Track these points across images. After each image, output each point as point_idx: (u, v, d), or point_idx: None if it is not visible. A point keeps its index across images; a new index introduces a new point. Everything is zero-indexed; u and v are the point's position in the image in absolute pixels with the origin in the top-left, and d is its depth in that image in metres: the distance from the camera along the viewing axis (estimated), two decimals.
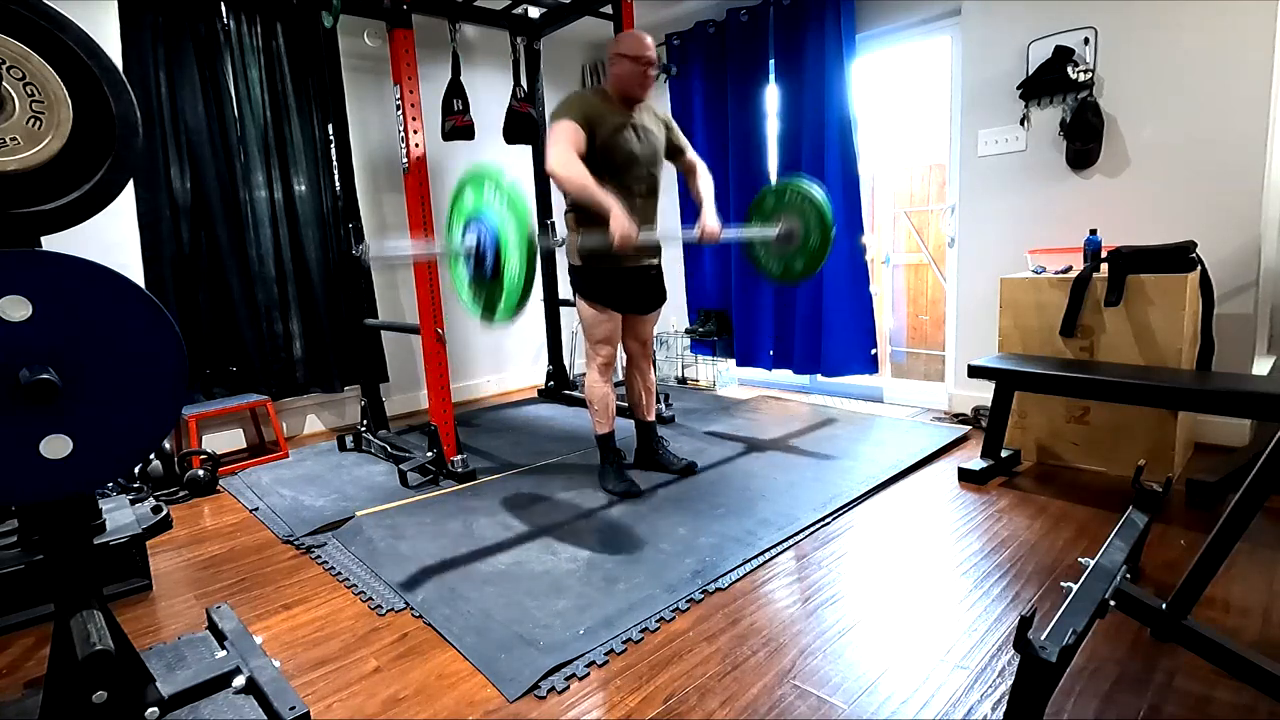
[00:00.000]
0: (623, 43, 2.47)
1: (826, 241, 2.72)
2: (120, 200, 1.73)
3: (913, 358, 4.75)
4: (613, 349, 2.64)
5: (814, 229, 2.73)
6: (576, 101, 2.43)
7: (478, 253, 1.91)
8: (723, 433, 3.38)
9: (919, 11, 3.46)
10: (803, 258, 2.79)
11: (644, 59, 2.44)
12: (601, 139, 2.40)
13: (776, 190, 2.85)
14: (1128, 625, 1.58)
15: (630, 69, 2.44)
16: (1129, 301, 2.54)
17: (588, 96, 2.48)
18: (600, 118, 2.41)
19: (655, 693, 1.49)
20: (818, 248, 2.74)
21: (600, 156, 2.40)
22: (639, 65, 2.44)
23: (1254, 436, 2.76)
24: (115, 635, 1.27)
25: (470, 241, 1.93)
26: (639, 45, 2.44)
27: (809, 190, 2.73)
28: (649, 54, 2.45)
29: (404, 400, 4.15)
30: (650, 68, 2.46)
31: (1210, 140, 2.71)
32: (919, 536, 2.20)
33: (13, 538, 1.95)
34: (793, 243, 2.78)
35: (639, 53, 2.43)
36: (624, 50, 2.45)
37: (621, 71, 2.45)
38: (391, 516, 2.48)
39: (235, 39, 3.32)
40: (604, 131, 2.40)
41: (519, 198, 1.85)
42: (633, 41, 2.45)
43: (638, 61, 2.43)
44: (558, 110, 2.42)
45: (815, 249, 2.75)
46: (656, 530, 2.27)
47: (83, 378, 1.12)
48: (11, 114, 1.11)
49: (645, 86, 2.49)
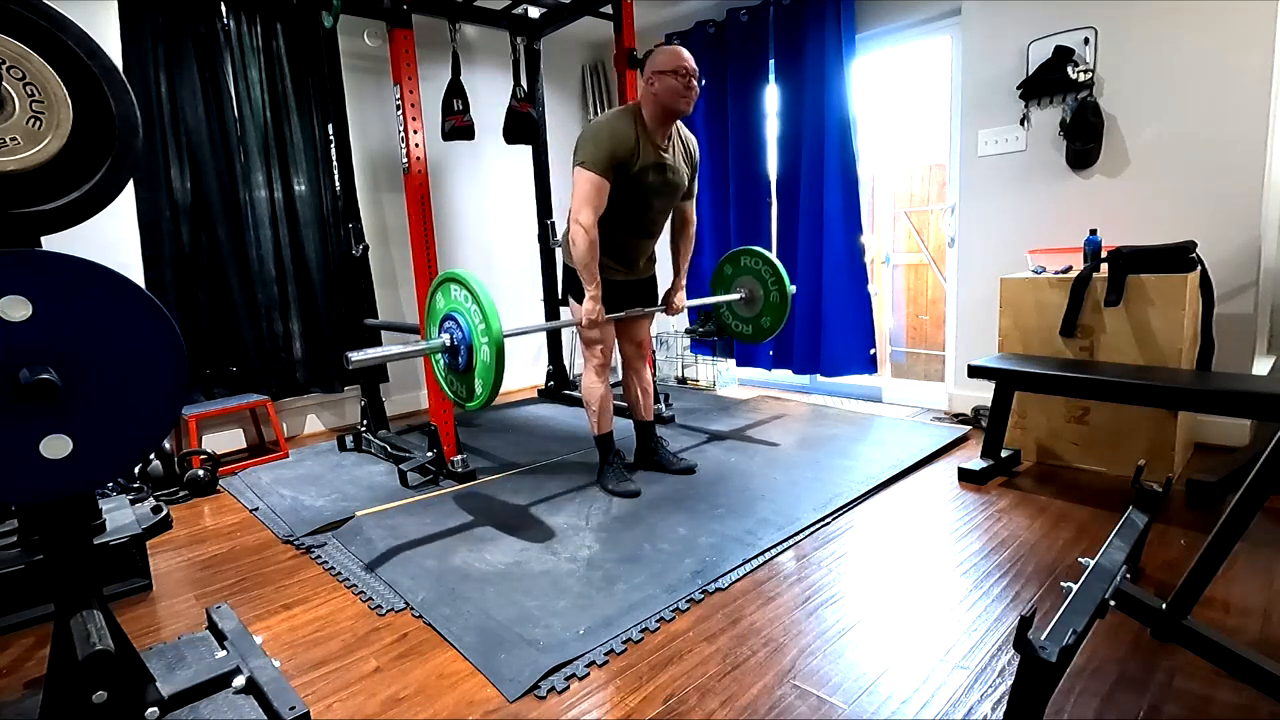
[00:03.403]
0: (659, 59, 2.33)
1: (785, 296, 3.00)
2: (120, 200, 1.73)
3: (913, 358, 4.75)
4: (607, 350, 2.64)
5: (772, 287, 3.03)
6: (606, 140, 2.30)
7: (452, 347, 2.10)
8: (722, 433, 3.38)
9: (919, 11, 3.46)
10: (768, 315, 3.08)
11: (684, 70, 2.30)
12: (626, 180, 2.34)
13: (731, 258, 3.16)
14: (1128, 625, 1.58)
15: (672, 84, 2.30)
16: (1129, 301, 2.54)
17: (619, 129, 2.33)
18: (628, 158, 2.32)
19: (655, 693, 1.49)
20: (779, 302, 3.02)
21: (619, 194, 2.36)
22: (680, 78, 2.30)
23: (1254, 436, 2.76)
24: (115, 635, 1.27)
25: (445, 339, 2.12)
26: (678, 57, 2.31)
27: (761, 253, 3.03)
28: (689, 64, 2.32)
29: (404, 400, 4.15)
30: (692, 78, 2.33)
31: (1210, 140, 2.70)
32: (919, 536, 2.20)
33: (13, 538, 1.95)
34: (755, 304, 3.10)
35: (678, 65, 2.30)
36: (662, 66, 2.31)
37: (662, 89, 2.31)
38: (391, 516, 2.48)
39: (235, 39, 3.32)
40: (631, 172, 2.34)
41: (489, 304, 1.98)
42: (670, 55, 2.32)
43: (678, 74, 2.30)
44: (585, 149, 2.30)
45: (777, 303, 3.03)
46: (656, 530, 2.27)
47: (83, 378, 1.12)
48: (11, 114, 1.11)
49: (689, 100, 2.35)
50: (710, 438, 3.29)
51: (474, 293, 2.00)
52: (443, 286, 2.16)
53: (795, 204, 3.91)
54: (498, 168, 4.42)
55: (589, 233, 2.31)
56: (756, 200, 4.13)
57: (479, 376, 2.06)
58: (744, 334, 3.23)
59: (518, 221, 4.48)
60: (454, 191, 4.29)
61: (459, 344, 2.08)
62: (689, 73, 2.33)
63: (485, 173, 4.40)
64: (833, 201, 3.73)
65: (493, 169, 4.41)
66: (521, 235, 4.49)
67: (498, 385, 2.03)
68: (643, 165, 2.37)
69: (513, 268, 4.52)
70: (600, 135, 2.32)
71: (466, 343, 2.06)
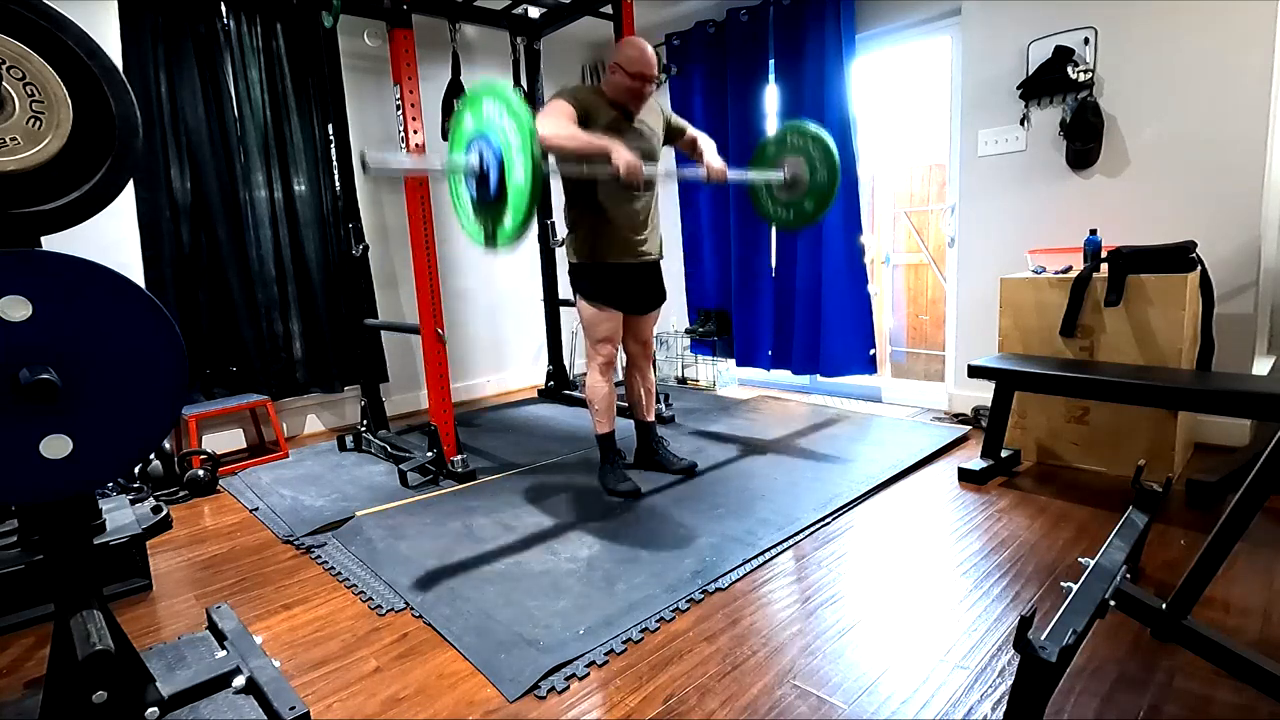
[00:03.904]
0: (621, 53, 2.40)
1: (835, 176, 2.70)
2: (120, 200, 1.73)
3: (913, 358, 4.75)
4: (613, 348, 2.64)
5: (820, 165, 2.71)
6: (573, 90, 2.42)
7: (481, 170, 1.88)
8: (722, 433, 3.38)
9: (919, 11, 3.46)
10: (811, 198, 2.77)
11: (641, 75, 2.37)
12: (595, 129, 2.35)
13: (775, 139, 2.85)
14: (1128, 625, 1.58)
15: (627, 83, 2.38)
16: (1129, 301, 2.54)
17: (584, 89, 2.48)
18: (595, 110, 2.39)
19: (655, 693, 1.49)
20: (826, 184, 2.72)
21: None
22: (636, 81, 2.38)
23: (1254, 436, 2.76)
24: (115, 635, 1.27)
25: (474, 160, 1.88)
26: (639, 62, 2.36)
27: (808, 128, 2.72)
28: (648, 71, 2.37)
29: (404, 400, 4.15)
30: (646, 85, 2.40)
31: (1210, 140, 2.70)
32: (919, 536, 2.20)
33: (13, 538, 1.95)
34: (799, 187, 2.77)
35: (637, 69, 2.36)
36: (622, 63, 2.38)
37: (617, 81, 2.40)
38: (391, 516, 2.48)
39: (235, 39, 3.32)
40: (598, 124, 2.37)
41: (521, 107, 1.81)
42: (632, 56, 2.37)
43: (634, 78, 2.37)
44: (552, 96, 2.40)
45: (824, 185, 2.72)
46: (656, 530, 2.27)
47: (83, 378, 1.12)
48: (11, 114, 1.11)
49: (639, 102, 2.45)
50: (710, 438, 3.29)
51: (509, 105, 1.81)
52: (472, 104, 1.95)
53: None
54: None
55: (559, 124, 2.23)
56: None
57: (511, 204, 1.85)
58: (781, 218, 2.94)
59: None
60: None
61: (488, 166, 1.86)
62: (645, 78, 2.39)
63: None
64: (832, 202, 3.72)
65: None
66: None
67: (530, 215, 1.83)
68: (609, 117, 2.41)
69: (513, 268, 4.52)
70: (567, 87, 2.46)
71: (499, 160, 1.84)
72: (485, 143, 1.88)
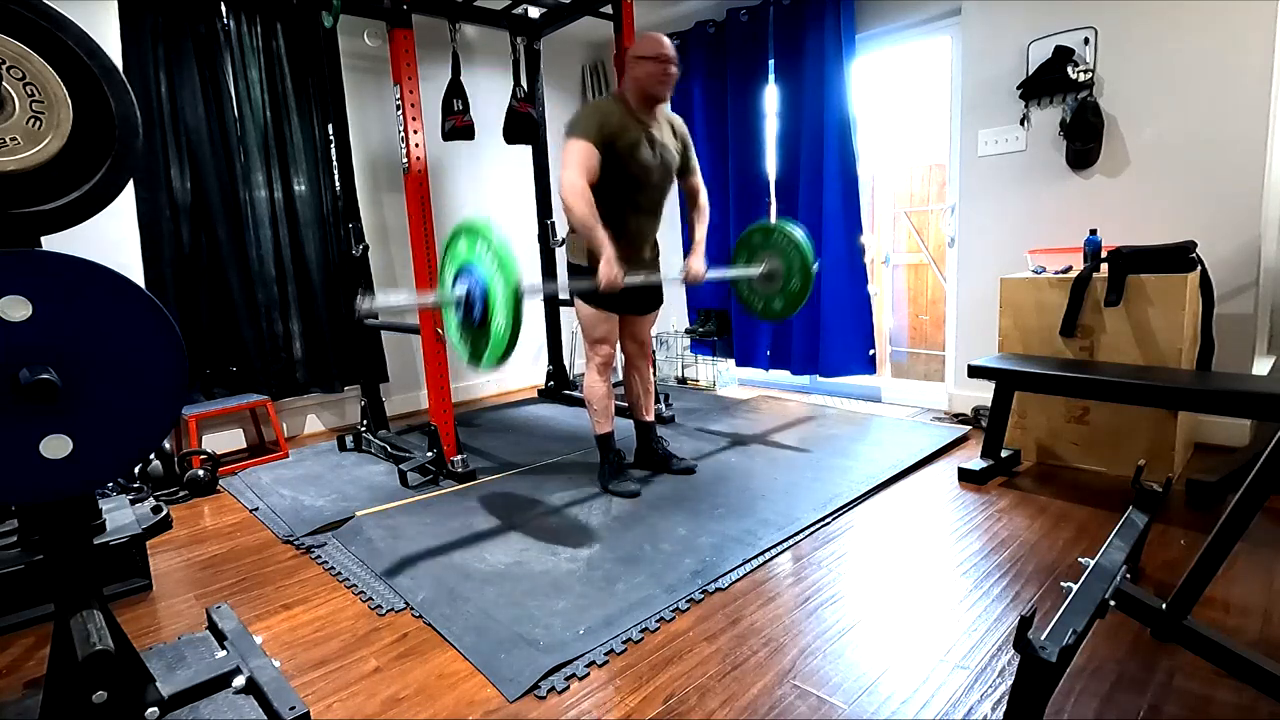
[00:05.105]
0: (640, 45, 2.45)
1: (806, 286, 2.83)
2: (120, 200, 1.73)
3: (913, 358, 4.75)
4: (611, 348, 2.64)
5: (796, 272, 2.84)
6: (593, 114, 2.40)
7: (467, 302, 1.98)
8: (722, 433, 3.38)
9: (919, 11, 3.46)
10: (782, 299, 2.91)
11: (663, 56, 2.42)
12: (617, 154, 2.39)
13: (764, 229, 2.94)
14: (1128, 625, 1.58)
15: (651, 69, 2.42)
16: (1129, 301, 2.54)
17: (605, 107, 2.45)
18: (617, 132, 2.39)
19: (655, 693, 1.49)
20: (797, 291, 2.86)
21: (613, 172, 2.40)
22: (659, 63, 2.42)
23: (1254, 436, 2.76)
24: (115, 635, 1.27)
25: (460, 291, 2.00)
26: (657, 44, 2.43)
27: (794, 234, 2.82)
28: (668, 51, 2.43)
29: (404, 400, 4.15)
30: (670, 64, 2.44)
31: (1210, 140, 2.70)
32: (919, 536, 2.20)
33: (13, 538, 1.95)
34: (774, 282, 2.90)
35: (658, 51, 2.41)
36: (643, 52, 2.43)
37: (642, 73, 2.43)
38: (391, 516, 2.48)
39: (235, 39, 3.32)
40: (620, 146, 2.39)
41: (508, 256, 1.89)
42: (650, 42, 2.43)
43: (658, 60, 2.41)
44: (574, 124, 2.40)
45: (795, 292, 2.86)
46: (656, 530, 2.27)
47: (83, 378, 1.12)
48: (11, 114, 1.11)
49: (667, 85, 2.47)
50: (710, 438, 3.29)
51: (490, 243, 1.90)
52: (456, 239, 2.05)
53: (795, 204, 3.90)
54: (498, 168, 4.42)
55: (583, 192, 2.32)
56: (756, 200, 4.12)
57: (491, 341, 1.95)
58: (753, 307, 3.06)
59: (518, 222, 4.47)
60: (454, 191, 4.29)
61: (474, 300, 1.95)
62: (668, 59, 2.42)
63: (485, 173, 4.40)
64: (832, 201, 3.73)
65: (493, 169, 4.41)
66: (521, 236, 4.49)
67: (509, 352, 1.92)
68: (632, 140, 2.43)
69: None
70: (588, 111, 2.45)
71: (483, 298, 1.93)
72: (473, 276, 1.97)
